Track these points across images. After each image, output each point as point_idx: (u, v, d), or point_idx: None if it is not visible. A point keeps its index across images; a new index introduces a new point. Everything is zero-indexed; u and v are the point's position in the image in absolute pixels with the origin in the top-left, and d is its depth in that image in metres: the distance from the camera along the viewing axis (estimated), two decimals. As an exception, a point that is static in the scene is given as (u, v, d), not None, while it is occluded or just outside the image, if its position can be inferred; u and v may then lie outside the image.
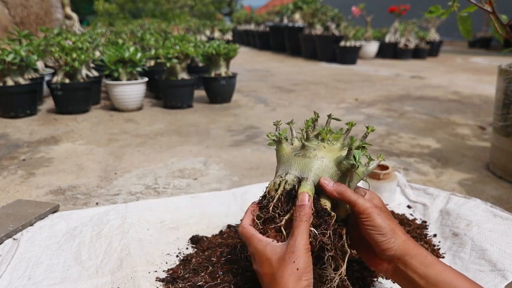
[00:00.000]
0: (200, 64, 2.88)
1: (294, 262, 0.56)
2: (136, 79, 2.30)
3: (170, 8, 14.29)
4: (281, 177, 0.66)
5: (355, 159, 0.62)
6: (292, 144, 0.71)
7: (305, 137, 0.67)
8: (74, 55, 2.18)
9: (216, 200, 1.08)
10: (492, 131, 1.33)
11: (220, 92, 2.46)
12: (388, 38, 5.69)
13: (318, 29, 5.27)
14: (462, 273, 0.60)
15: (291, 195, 0.63)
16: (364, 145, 0.66)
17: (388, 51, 5.65)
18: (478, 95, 2.79)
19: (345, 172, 0.65)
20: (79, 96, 2.19)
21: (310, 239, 0.59)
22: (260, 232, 0.63)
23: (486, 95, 2.80)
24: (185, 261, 0.79)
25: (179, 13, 14.28)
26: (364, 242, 0.65)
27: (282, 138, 0.70)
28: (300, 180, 0.63)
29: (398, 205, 1.05)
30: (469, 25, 1.14)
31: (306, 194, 0.61)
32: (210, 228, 0.95)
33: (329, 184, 0.63)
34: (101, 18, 12.73)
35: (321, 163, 0.64)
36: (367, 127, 0.68)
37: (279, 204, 0.63)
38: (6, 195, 1.15)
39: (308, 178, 0.63)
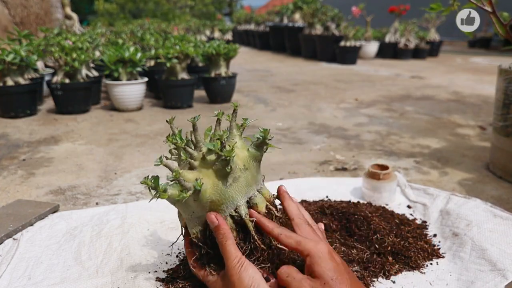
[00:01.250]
0: (200, 64, 2.88)
1: None
2: (136, 79, 2.30)
3: (171, 8, 14.30)
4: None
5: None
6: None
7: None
8: (74, 55, 2.18)
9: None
10: (492, 131, 1.33)
11: (220, 92, 2.46)
12: (388, 38, 5.69)
13: (318, 29, 5.27)
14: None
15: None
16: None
17: (388, 51, 5.65)
18: (478, 95, 2.79)
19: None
20: (79, 96, 2.19)
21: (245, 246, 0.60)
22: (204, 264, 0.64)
23: (486, 95, 2.80)
24: (185, 261, 0.79)
25: (179, 13, 14.29)
26: None
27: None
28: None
29: (398, 205, 1.05)
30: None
31: (211, 215, 0.61)
32: (210, 228, 0.95)
33: (269, 226, 0.61)
34: (101, 18, 12.72)
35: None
36: (233, 104, 0.67)
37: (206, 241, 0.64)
38: (6, 195, 1.15)
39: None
